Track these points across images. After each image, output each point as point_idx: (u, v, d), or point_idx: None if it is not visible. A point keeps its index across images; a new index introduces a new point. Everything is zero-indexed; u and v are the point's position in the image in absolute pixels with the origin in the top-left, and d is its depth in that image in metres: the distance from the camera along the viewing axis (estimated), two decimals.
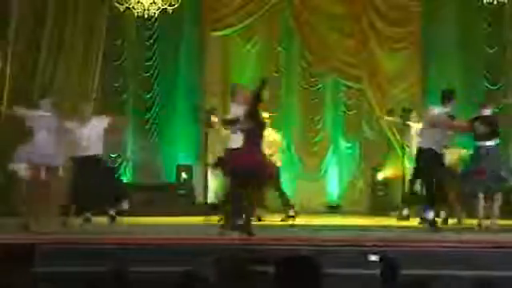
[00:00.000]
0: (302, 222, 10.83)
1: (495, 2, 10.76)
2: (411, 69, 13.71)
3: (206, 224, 10.21)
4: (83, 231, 9.35)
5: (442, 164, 9.43)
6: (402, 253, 6.90)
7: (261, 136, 8.44)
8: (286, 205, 11.01)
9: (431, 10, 13.41)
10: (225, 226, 8.70)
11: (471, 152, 9.57)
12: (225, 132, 9.54)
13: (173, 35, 13.61)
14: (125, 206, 10.20)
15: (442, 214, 10.38)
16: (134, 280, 4.62)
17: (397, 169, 12.97)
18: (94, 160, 9.96)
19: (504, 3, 10.92)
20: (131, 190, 12.19)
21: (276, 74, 13.88)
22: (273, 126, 10.42)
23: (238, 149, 8.51)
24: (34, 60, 12.24)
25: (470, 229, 9.43)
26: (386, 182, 13.47)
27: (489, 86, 13.21)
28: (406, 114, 11.61)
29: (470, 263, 7.19)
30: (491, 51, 13.22)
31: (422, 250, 7.85)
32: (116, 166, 12.60)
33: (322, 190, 14.06)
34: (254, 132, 8.32)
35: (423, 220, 9.86)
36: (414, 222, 10.53)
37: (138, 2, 11.16)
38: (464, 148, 10.28)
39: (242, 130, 8.38)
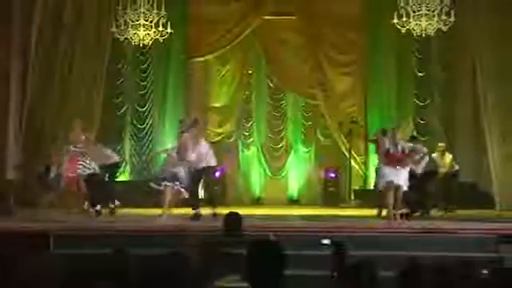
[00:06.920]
0: (270, 213, 10.98)
1: (423, 35, 10.89)
2: (356, 88, 13.81)
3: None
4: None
5: None
6: (349, 237, 6.96)
7: None
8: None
9: (372, 42, 13.54)
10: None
11: None
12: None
13: (163, 60, 13.64)
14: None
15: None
16: (133, 260, 4.61)
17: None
18: None
19: (430, 36, 11.07)
20: (131, 187, 12.39)
21: (247, 93, 13.99)
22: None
23: None
24: (49, 83, 12.31)
25: None
26: (336, 180, 13.53)
27: (418, 102, 13.43)
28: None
29: (404, 245, 7.31)
30: (420, 75, 13.41)
31: (367, 234, 7.94)
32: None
33: (284, 186, 14.09)
34: None
35: None
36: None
37: (135, 34, 11.15)
38: None
39: None
